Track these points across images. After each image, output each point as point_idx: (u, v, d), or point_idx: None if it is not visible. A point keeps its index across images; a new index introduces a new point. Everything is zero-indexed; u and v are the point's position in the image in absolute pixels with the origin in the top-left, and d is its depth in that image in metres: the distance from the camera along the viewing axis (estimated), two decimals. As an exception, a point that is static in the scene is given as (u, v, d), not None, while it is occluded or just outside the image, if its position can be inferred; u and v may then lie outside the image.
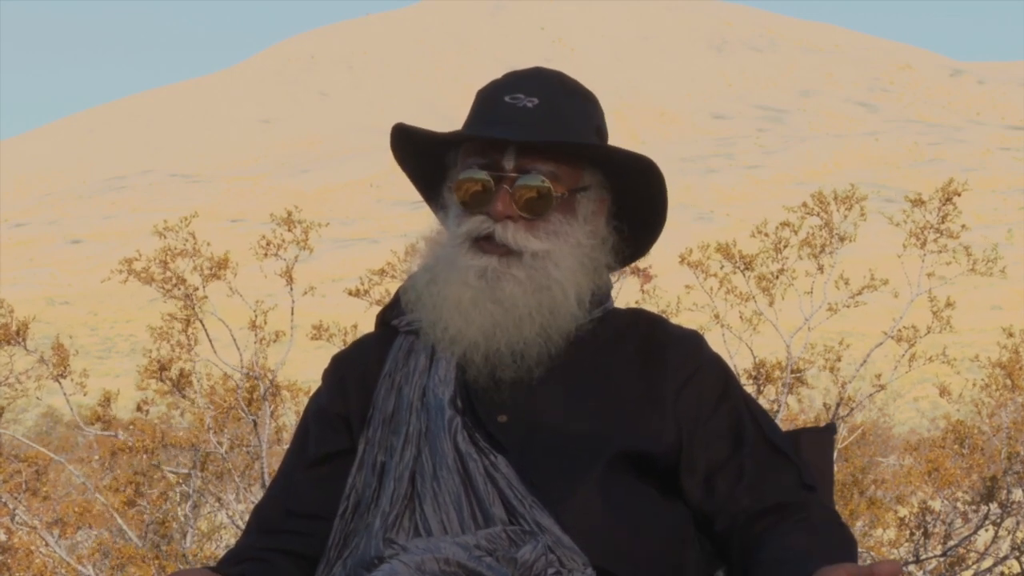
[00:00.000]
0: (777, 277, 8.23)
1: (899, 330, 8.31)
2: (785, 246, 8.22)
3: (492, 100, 2.50)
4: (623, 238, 2.52)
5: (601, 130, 2.53)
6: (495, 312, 2.40)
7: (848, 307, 8.25)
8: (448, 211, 2.49)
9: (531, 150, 2.43)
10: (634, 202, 2.53)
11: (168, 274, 7.81)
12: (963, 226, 8.35)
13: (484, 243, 2.42)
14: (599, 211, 2.50)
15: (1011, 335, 9.03)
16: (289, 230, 7.78)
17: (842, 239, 8.23)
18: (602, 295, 2.52)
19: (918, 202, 8.30)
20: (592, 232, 2.47)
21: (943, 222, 8.30)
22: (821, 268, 8.25)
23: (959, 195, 8.30)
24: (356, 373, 2.53)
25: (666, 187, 2.52)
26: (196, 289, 7.87)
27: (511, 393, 2.43)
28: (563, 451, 2.39)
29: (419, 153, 2.55)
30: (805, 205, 8.28)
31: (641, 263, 8.37)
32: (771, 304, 8.24)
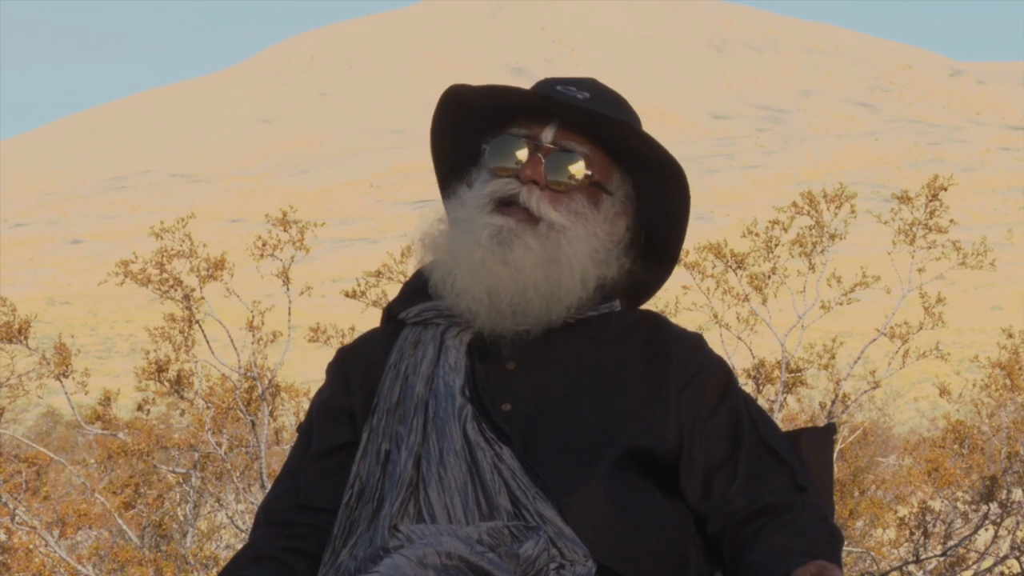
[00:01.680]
0: (769, 276, 8.24)
1: (892, 327, 8.32)
2: (776, 245, 8.24)
3: (545, 87, 2.55)
4: (641, 255, 2.56)
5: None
6: (503, 274, 2.43)
7: (841, 304, 8.26)
8: (473, 184, 2.53)
9: (571, 129, 2.49)
10: (656, 220, 2.56)
11: (164, 276, 7.81)
12: (951, 221, 8.37)
13: (505, 207, 2.46)
14: (621, 216, 2.54)
15: (1011, 336, 9.04)
16: (285, 230, 7.78)
17: (832, 237, 8.24)
18: (609, 292, 2.54)
19: (905, 199, 8.32)
20: (610, 231, 2.52)
21: (931, 218, 8.32)
22: (812, 267, 8.26)
23: (945, 190, 8.32)
24: (360, 366, 2.55)
25: (690, 202, 2.56)
26: (193, 290, 7.87)
27: (517, 383, 2.45)
28: (567, 445, 2.40)
29: (459, 134, 2.58)
30: (795, 204, 8.30)
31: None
32: (764, 303, 8.25)
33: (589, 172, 2.48)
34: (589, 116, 2.48)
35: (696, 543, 2.45)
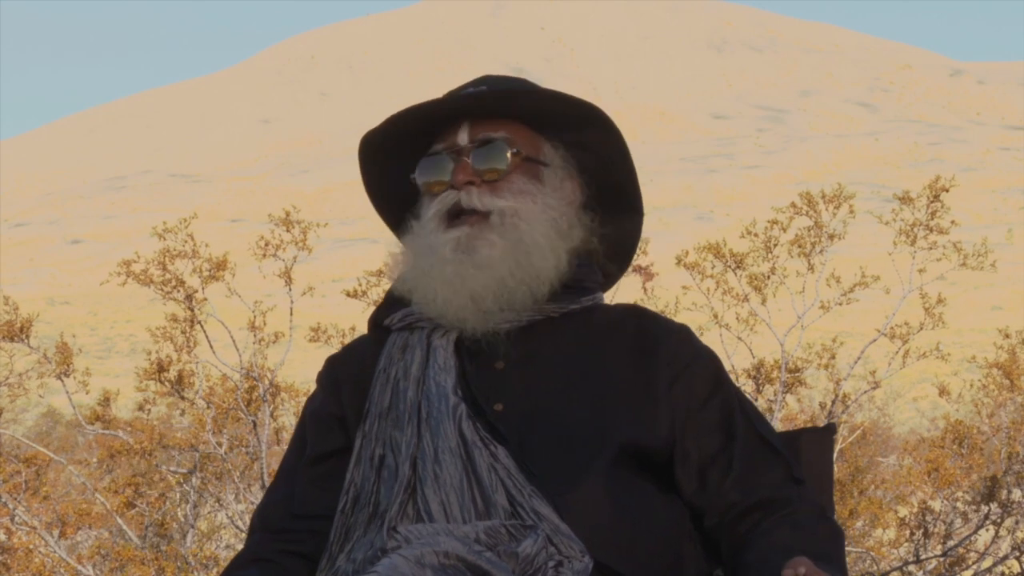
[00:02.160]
0: (768, 277, 8.25)
1: (892, 327, 8.33)
2: (775, 245, 8.24)
3: (444, 96, 2.57)
4: (601, 208, 2.57)
5: None
6: (478, 276, 2.44)
7: (840, 305, 8.27)
8: (420, 213, 2.55)
9: (482, 120, 2.51)
10: (603, 173, 2.57)
11: (167, 276, 7.81)
12: (952, 222, 8.37)
13: (454, 218, 2.48)
14: (567, 180, 2.55)
15: (1008, 336, 9.04)
16: (288, 231, 7.78)
17: (831, 237, 8.25)
18: (590, 283, 2.55)
19: (907, 199, 8.33)
20: (561, 197, 2.53)
21: (932, 219, 8.32)
22: (811, 267, 8.26)
23: (947, 191, 8.33)
24: (350, 373, 2.56)
25: (625, 143, 2.56)
26: (195, 291, 7.87)
27: (507, 382, 2.45)
28: (562, 444, 2.40)
29: (387, 172, 2.62)
30: (794, 205, 8.30)
31: (643, 261, 8.37)
32: (763, 303, 8.25)
33: (515, 150, 2.50)
34: (488, 100, 2.51)
35: (693, 539, 2.45)
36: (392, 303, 2.58)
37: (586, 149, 2.56)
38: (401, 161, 2.58)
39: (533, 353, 2.47)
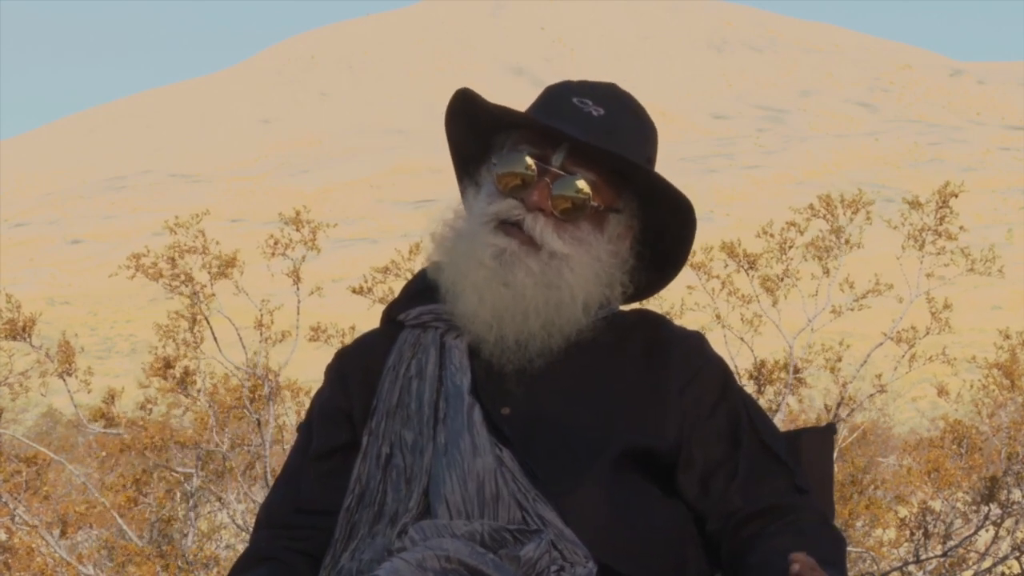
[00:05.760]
0: (782, 279, 8.24)
1: (898, 331, 8.33)
2: (791, 247, 8.24)
3: (560, 97, 2.54)
4: (642, 266, 2.55)
5: (651, 161, 2.57)
6: (504, 296, 2.43)
7: (852, 310, 8.27)
8: (480, 188, 2.52)
9: (581, 155, 2.47)
10: (659, 238, 2.56)
11: (176, 271, 7.82)
12: (961, 227, 8.38)
13: (510, 227, 2.45)
14: (625, 235, 2.53)
15: (1008, 336, 9.04)
16: (297, 230, 7.80)
17: (847, 242, 8.25)
18: (610, 303, 2.55)
19: (915, 204, 8.33)
20: (614, 252, 2.50)
21: (940, 224, 8.33)
22: (827, 271, 8.26)
23: (956, 196, 8.33)
24: (359, 368, 2.55)
25: (695, 232, 2.55)
26: (203, 287, 7.89)
27: (515, 386, 2.46)
28: (567, 447, 2.41)
29: (471, 125, 2.57)
30: (812, 207, 8.30)
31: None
32: (774, 304, 8.26)
33: (595, 204, 2.47)
34: (600, 152, 2.47)
35: (696, 542, 2.46)
36: (410, 298, 2.58)
37: (656, 216, 2.54)
38: (487, 125, 2.54)
39: (541, 356, 2.47)
